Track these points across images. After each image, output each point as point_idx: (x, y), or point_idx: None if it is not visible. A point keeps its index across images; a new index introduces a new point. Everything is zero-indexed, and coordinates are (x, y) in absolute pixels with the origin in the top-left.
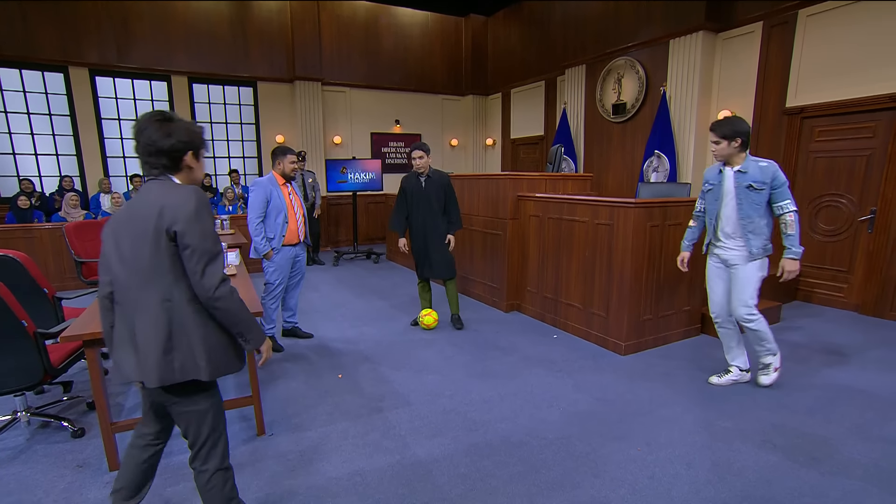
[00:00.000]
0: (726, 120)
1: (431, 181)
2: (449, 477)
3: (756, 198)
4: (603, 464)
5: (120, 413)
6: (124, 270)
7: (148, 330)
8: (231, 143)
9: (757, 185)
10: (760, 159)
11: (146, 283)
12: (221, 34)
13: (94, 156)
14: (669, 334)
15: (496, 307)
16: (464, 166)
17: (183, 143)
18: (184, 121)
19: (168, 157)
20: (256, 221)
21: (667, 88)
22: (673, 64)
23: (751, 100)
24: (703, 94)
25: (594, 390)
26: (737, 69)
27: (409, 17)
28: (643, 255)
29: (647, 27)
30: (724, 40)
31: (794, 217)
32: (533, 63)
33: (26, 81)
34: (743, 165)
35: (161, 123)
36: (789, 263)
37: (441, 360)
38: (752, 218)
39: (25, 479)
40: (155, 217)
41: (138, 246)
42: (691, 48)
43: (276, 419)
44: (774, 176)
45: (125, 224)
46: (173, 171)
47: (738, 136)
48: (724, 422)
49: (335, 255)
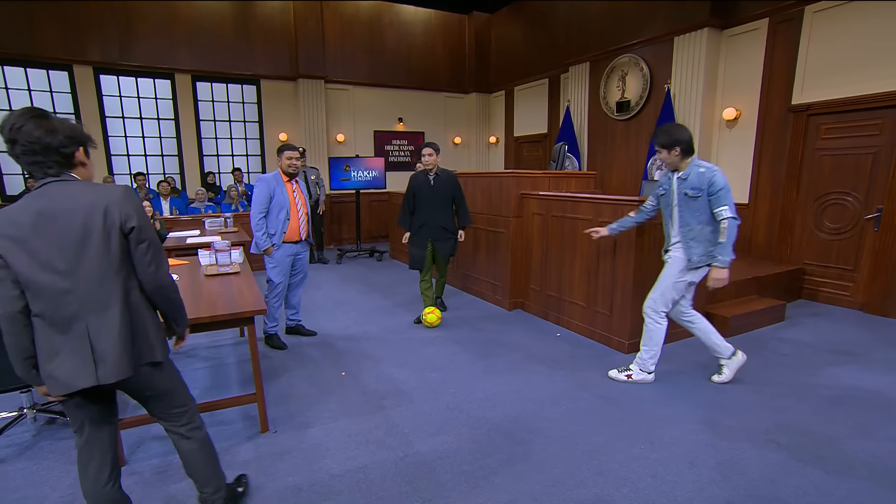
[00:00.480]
0: (665, 128)
1: (440, 179)
2: (452, 474)
3: (694, 204)
4: (606, 462)
5: (125, 410)
6: (58, 278)
7: (111, 327)
8: (234, 141)
9: (693, 192)
10: (703, 164)
11: (100, 283)
12: (225, 32)
13: (98, 154)
14: (673, 333)
15: (499, 305)
16: (467, 164)
17: (70, 138)
18: (60, 118)
19: (59, 154)
20: (258, 217)
21: (671, 86)
22: (677, 61)
23: (756, 97)
24: (707, 92)
25: (597, 388)
26: (742, 66)
27: (411, 14)
28: (648, 251)
29: (651, 24)
30: (729, 37)
31: (728, 224)
32: (536, 60)
33: (31, 80)
34: (685, 172)
35: (39, 120)
36: (715, 271)
37: (444, 357)
38: (691, 225)
39: (31, 475)
40: (100, 215)
41: (79, 249)
42: (696, 45)
43: (280, 416)
44: (711, 182)
45: (44, 229)
46: (68, 168)
47: (676, 145)
48: (727, 420)
49: (338, 252)
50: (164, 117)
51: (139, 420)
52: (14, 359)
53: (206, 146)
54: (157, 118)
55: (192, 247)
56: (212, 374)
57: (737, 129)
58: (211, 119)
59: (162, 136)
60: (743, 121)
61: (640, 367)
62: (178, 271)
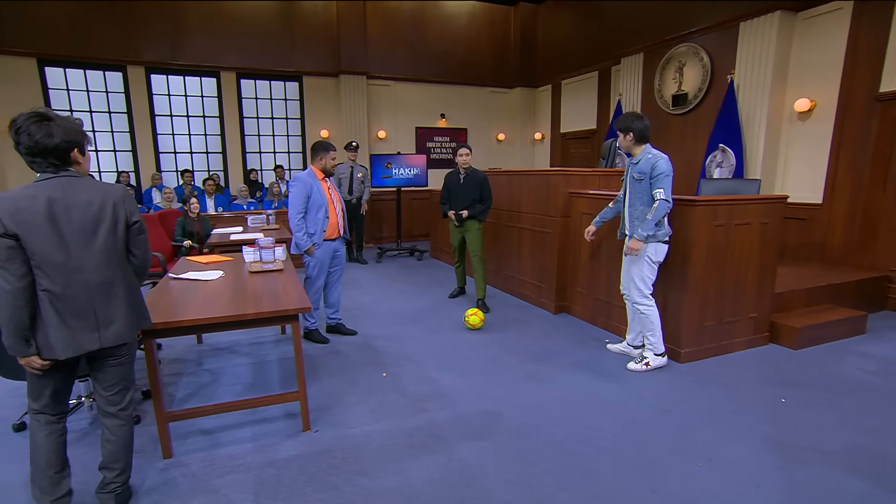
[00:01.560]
0: (624, 115)
1: (469, 178)
2: (496, 482)
3: (639, 188)
4: (660, 478)
5: (171, 403)
6: (71, 258)
7: (115, 300)
8: (276, 138)
9: (639, 175)
10: (653, 151)
11: (107, 264)
12: (269, 29)
13: (147, 151)
14: (733, 342)
15: (544, 308)
16: (510, 162)
17: (67, 142)
18: (63, 118)
19: (55, 156)
20: (298, 217)
21: (735, 76)
22: (743, 49)
23: (835, 86)
24: (776, 82)
25: (650, 399)
26: (819, 52)
27: (455, 7)
28: (705, 256)
29: (713, 10)
30: (805, 20)
31: (659, 204)
32: (586, 53)
33: (89, 81)
34: (636, 157)
35: (40, 123)
36: (632, 242)
37: (487, 361)
38: (636, 206)
39: (88, 462)
40: (110, 210)
41: (90, 235)
42: (765, 31)
43: (321, 416)
44: (654, 166)
45: (60, 216)
46: (66, 166)
47: (629, 131)
48: (799, 440)
49: (378, 251)
50: (210, 115)
51: (186, 413)
52: (8, 331)
53: (249, 143)
54: (203, 116)
55: (237, 243)
56: (254, 370)
57: (810, 121)
58: (254, 116)
59: (207, 134)
60: (818, 112)
61: (654, 352)
62: (222, 267)
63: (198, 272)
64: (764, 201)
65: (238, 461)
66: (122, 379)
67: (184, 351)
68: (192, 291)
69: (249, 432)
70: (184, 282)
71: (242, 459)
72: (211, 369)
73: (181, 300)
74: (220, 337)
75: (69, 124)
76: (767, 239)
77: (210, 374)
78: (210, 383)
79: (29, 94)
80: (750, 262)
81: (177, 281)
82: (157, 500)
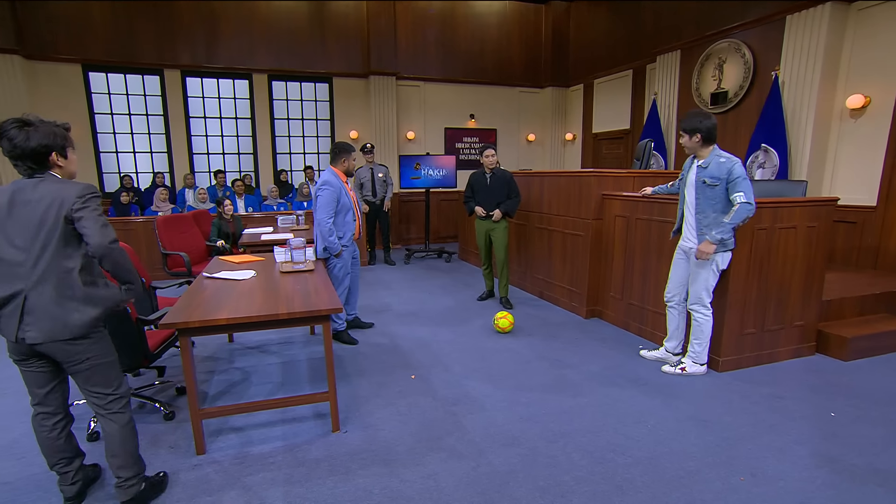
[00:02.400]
0: (690, 114)
1: (496, 177)
2: (526, 489)
3: (710, 193)
4: (699, 491)
5: (204, 400)
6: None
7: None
8: (306, 139)
9: (711, 180)
10: (723, 154)
11: (44, 260)
12: (300, 31)
13: (181, 152)
14: (777, 352)
15: (575, 312)
16: (540, 163)
17: (43, 146)
18: (45, 124)
19: (32, 159)
20: (329, 222)
21: (780, 72)
22: (789, 44)
23: (893, 81)
24: (826, 78)
25: (686, 408)
26: (875, 45)
27: (485, 6)
28: (747, 261)
29: (757, 4)
30: (860, 11)
31: (740, 207)
32: (620, 51)
33: (129, 85)
34: (705, 160)
35: (20, 129)
36: (705, 244)
37: (517, 365)
38: (707, 213)
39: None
40: (56, 207)
41: (35, 232)
42: (814, 23)
43: (350, 417)
44: (730, 171)
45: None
46: (46, 168)
47: (697, 132)
48: (852, 457)
49: (406, 252)
50: (242, 116)
51: (219, 411)
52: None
53: (280, 144)
54: (235, 117)
55: (268, 244)
56: (283, 370)
57: (864, 119)
58: (285, 118)
59: (239, 135)
60: (873, 109)
61: (694, 360)
62: (254, 267)
63: (231, 271)
64: (811, 204)
65: (269, 459)
66: (87, 381)
67: (216, 349)
68: (226, 291)
69: (280, 431)
70: (217, 281)
71: (273, 458)
72: (242, 368)
73: (215, 299)
74: (251, 336)
75: (49, 129)
76: (815, 243)
77: (241, 373)
78: (241, 381)
79: (75, 99)
80: (795, 268)
81: (211, 280)
82: (190, 494)
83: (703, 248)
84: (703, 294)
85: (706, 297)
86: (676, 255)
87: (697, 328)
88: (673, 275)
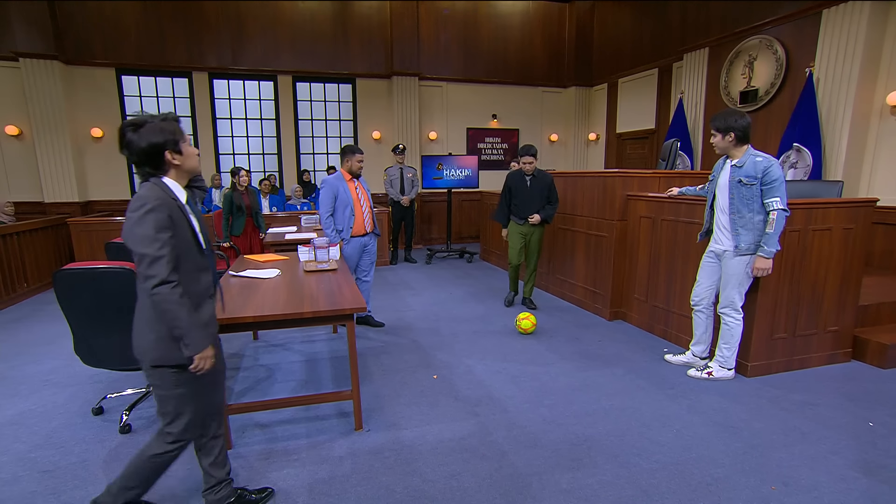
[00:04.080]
0: (723, 113)
1: (536, 180)
2: (550, 492)
3: (746, 193)
4: (727, 499)
5: (230, 396)
6: None
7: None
8: (329, 139)
9: (747, 180)
10: (759, 154)
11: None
12: (324, 32)
13: (208, 153)
14: (809, 357)
15: (598, 314)
16: (563, 163)
17: (152, 145)
18: (154, 122)
19: (147, 163)
20: (326, 216)
21: (814, 69)
22: (825, 39)
23: None
24: (865, 75)
25: (714, 414)
26: None
27: (508, 6)
28: (777, 264)
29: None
30: None
31: (778, 216)
32: (645, 49)
33: (159, 88)
34: (740, 160)
35: (133, 131)
36: (759, 261)
37: (540, 367)
38: (742, 213)
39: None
40: None
41: None
42: (853, 18)
43: (373, 416)
44: (766, 171)
45: None
46: (161, 172)
47: (731, 131)
48: (893, 470)
49: (428, 252)
50: (266, 117)
51: (246, 407)
52: None
53: (304, 145)
54: (260, 119)
55: (292, 243)
56: (307, 367)
57: None
58: (308, 118)
59: (263, 136)
60: None
61: (721, 365)
62: (279, 266)
63: (256, 270)
64: (848, 205)
65: (293, 456)
66: (157, 401)
67: (241, 346)
68: (251, 289)
69: (304, 429)
70: (243, 279)
71: (297, 455)
72: (266, 365)
73: (241, 297)
74: (275, 333)
75: (155, 125)
76: (852, 246)
77: (265, 370)
78: (265, 378)
79: (108, 102)
80: (830, 271)
81: (237, 278)
82: None
83: (761, 266)
84: (735, 298)
85: (738, 300)
86: (706, 258)
87: (727, 332)
88: (701, 278)
